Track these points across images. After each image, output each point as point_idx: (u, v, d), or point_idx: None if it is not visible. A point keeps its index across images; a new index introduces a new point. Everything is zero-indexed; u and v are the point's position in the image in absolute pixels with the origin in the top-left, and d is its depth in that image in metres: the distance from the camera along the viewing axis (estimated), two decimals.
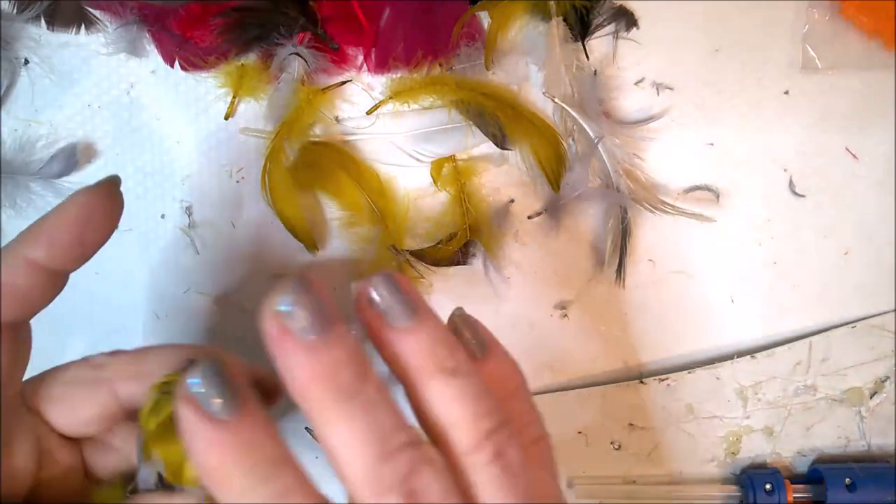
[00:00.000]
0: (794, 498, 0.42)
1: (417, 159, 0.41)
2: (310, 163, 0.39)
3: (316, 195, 0.41)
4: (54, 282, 0.26)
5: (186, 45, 0.39)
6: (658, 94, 0.42)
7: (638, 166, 0.41)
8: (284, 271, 0.41)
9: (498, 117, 0.39)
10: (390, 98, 0.40)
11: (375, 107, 0.40)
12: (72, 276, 0.26)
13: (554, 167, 0.40)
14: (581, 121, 0.40)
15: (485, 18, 0.40)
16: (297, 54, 0.38)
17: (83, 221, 0.25)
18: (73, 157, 0.40)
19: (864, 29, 0.41)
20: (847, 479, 0.41)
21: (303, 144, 0.40)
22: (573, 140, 0.41)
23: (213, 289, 0.42)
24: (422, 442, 0.22)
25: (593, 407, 0.43)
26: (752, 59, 0.42)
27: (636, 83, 0.42)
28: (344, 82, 0.40)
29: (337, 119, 0.41)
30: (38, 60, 0.40)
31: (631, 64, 0.41)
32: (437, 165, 0.41)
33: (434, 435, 0.23)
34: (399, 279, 0.24)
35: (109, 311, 0.42)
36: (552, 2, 0.39)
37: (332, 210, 0.41)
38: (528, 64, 0.41)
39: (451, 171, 0.40)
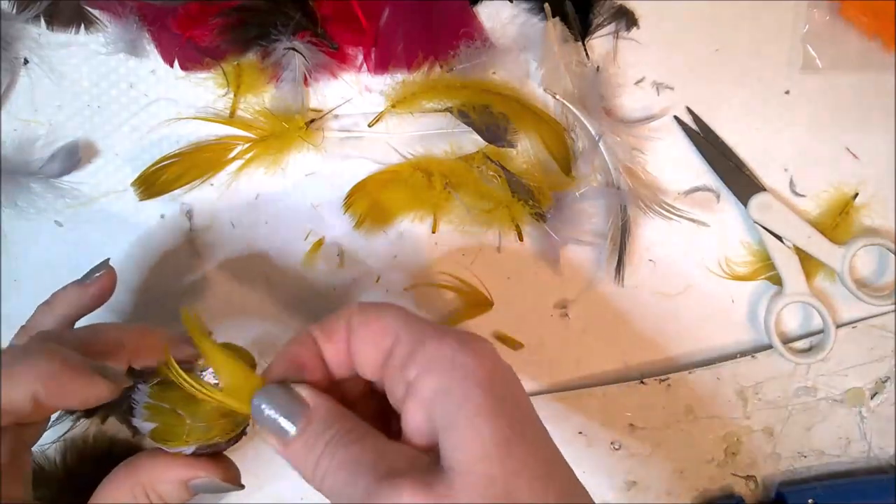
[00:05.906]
0: None
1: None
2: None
3: None
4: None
5: (186, 45, 0.39)
6: (658, 93, 0.42)
7: (638, 164, 0.41)
8: None
9: (504, 111, 0.39)
10: (392, 107, 0.40)
11: (377, 118, 0.40)
12: None
13: (563, 153, 0.41)
14: (582, 117, 0.40)
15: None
16: (295, 50, 0.38)
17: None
18: (73, 156, 0.40)
19: (863, 29, 0.41)
20: (810, 500, 0.41)
21: None
22: (574, 136, 0.41)
23: (213, 290, 0.42)
24: None
25: (593, 407, 0.43)
26: (752, 59, 0.42)
27: (636, 83, 0.42)
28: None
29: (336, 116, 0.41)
30: (38, 60, 0.40)
31: (631, 63, 0.41)
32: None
33: None
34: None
35: (108, 311, 0.42)
36: (547, 3, 0.39)
37: None
38: (529, 61, 0.41)
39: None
